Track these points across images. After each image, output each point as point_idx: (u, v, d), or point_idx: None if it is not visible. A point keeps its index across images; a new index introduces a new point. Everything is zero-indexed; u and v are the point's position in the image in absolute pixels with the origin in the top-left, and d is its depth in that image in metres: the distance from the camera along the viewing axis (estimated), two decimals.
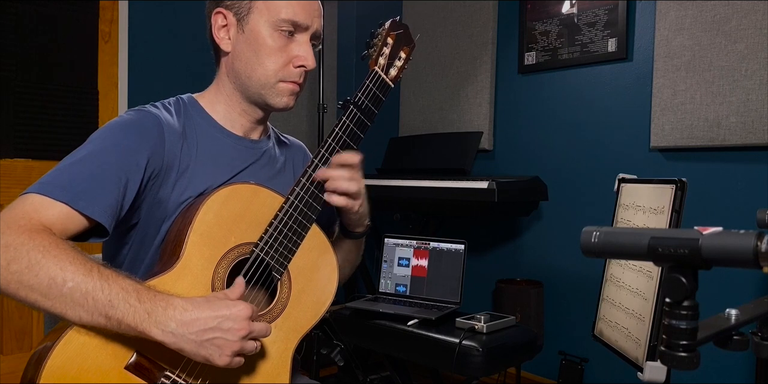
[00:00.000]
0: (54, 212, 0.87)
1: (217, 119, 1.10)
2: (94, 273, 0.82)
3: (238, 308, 0.86)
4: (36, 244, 0.81)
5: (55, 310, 0.82)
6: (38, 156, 2.48)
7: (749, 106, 1.96)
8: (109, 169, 0.92)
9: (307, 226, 1.03)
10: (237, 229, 0.98)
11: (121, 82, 2.71)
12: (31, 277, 0.80)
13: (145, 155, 0.96)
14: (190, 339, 0.83)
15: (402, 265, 2.19)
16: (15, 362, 2.38)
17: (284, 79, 1.06)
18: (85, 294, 0.81)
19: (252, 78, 1.06)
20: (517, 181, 2.34)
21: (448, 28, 2.94)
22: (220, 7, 1.06)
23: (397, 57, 1.13)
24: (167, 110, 1.05)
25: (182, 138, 1.03)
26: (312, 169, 1.03)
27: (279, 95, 1.07)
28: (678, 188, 1.34)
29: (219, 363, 0.85)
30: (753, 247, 0.54)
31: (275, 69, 1.05)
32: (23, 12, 2.46)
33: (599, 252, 0.64)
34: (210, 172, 1.04)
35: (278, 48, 1.04)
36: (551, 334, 2.51)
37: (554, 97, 2.59)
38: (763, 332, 0.68)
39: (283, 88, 1.06)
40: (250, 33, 1.04)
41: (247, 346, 0.87)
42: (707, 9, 2.06)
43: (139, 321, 0.82)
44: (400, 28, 1.13)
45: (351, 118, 1.07)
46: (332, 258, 1.09)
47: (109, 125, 1.00)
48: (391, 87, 1.12)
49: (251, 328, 0.87)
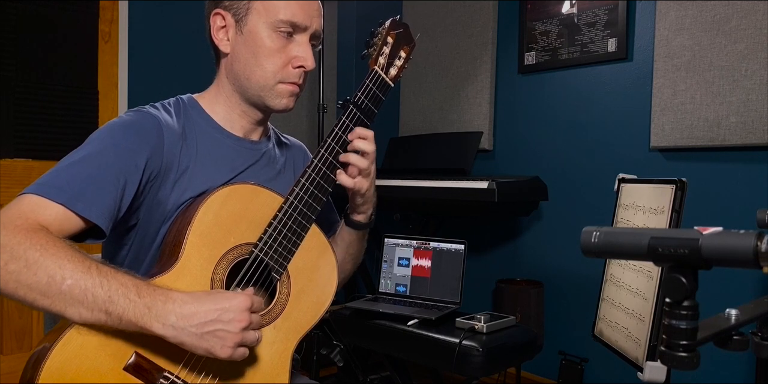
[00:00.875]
0: (51, 213, 0.87)
1: (217, 120, 1.09)
2: (92, 270, 0.82)
3: (238, 300, 0.87)
4: (33, 243, 0.81)
5: (55, 308, 0.81)
6: (38, 156, 2.48)
7: (749, 106, 1.95)
8: (108, 171, 0.92)
9: (306, 227, 1.03)
10: (236, 229, 0.98)
11: (121, 82, 2.71)
12: (29, 276, 0.80)
13: (144, 156, 0.96)
14: (191, 332, 0.83)
15: (402, 265, 2.19)
16: (15, 362, 2.38)
17: (283, 80, 1.05)
18: (84, 291, 0.81)
19: (251, 80, 1.05)
20: (517, 181, 2.33)
21: (448, 28, 2.94)
22: (218, 7, 1.05)
23: (397, 56, 1.12)
24: (167, 111, 1.05)
25: (182, 139, 1.03)
26: (312, 170, 1.03)
27: (278, 97, 1.06)
28: (678, 188, 1.34)
29: (221, 355, 0.85)
30: (753, 247, 0.54)
31: (274, 70, 1.04)
32: (23, 12, 2.46)
33: (599, 252, 0.64)
34: (210, 173, 1.04)
35: (277, 49, 1.04)
36: (551, 334, 2.51)
37: (554, 97, 2.59)
38: (763, 332, 0.68)
39: (282, 89, 1.06)
40: (249, 34, 1.04)
41: (249, 337, 0.87)
42: (707, 9, 2.06)
43: (139, 315, 0.82)
44: (400, 27, 1.12)
45: (351, 117, 1.06)
46: (332, 258, 1.09)
47: (108, 126, 0.99)
48: (391, 86, 1.12)
49: (252, 319, 0.88)
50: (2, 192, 2.37)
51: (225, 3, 1.05)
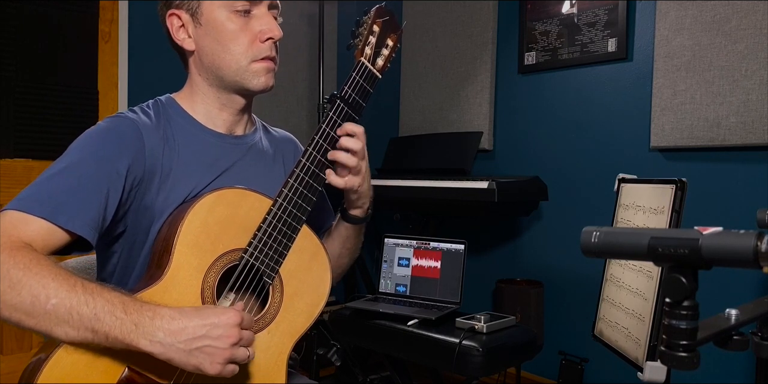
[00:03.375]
0: (34, 228, 0.85)
1: (197, 118, 1.07)
2: (77, 288, 0.81)
3: (227, 315, 0.85)
4: (16, 262, 0.80)
5: (40, 328, 0.80)
6: (38, 156, 2.48)
7: (749, 106, 1.95)
8: (89, 181, 0.90)
9: (297, 228, 1.01)
10: (225, 235, 0.96)
11: (121, 82, 2.71)
12: (13, 297, 0.79)
13: (126, 163, 0.94)
14: (179, 348, 0.81)
15: (402, 265, 2.19)
16: (15, 362, 2.38)
17: (255, 57, 1.03)
18: (69, 309, 0.79)
19: (222, 67, 1.03)
20: (517, 181, 2.33)
21: (448, 28, 2.94)
22: (171, 8, 1.04)
23: (384, 45, 1.09)
24: (145, 114, 1.03)
25: (163, 141, 1.00)
26: (300, 169, 1.01)
27: (255, 76, 1.04)
28: (678, 188, 1.34)
29: (210, 371, 0.83)
30: (753, 247, 0.54)
31: (243, 51, 1.02)
32: (23, 12, 2.46)
33: (599, 252, 0.64)
34: (194, 174, 1.02)
35: (239, 29, 1.02)
36: (551, 334, 2.51)
37: (554, 97, 2.59)
38: (763, 332, 0.68)
39: (257, 67, 1.03)
40: (207, 24, 1.02)
41: (239, 354, 0.85)
42: (707, 9, 2.06)
43: (126, 333, 0.80)
44: (386, 14, 1.08)
45: (338, 113, 1.04)
46: (324, 259, 1.07)
47: (86, 134, 0.97)
48: (378, 78, 1.08)
49: (241, 336, 0.85)
50: (2, 192, 2.37)
51: (176, 2, 1.04)
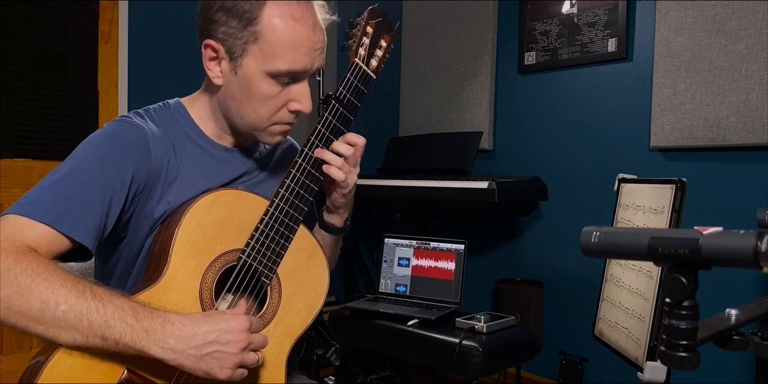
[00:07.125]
0: (38, 234, 0.85)
1: (206, 132, 1.06)
2: (87, 294, 0.80)
3: (236, 320, 0.85)
4: (24, 268, 0.79)
5: (48, 334, 0.79)
6: (38, 156, 2.48)
7: (749, 106, 1.95)
8: (93, 188, 0.89)
9: (294, 228, 1.01)
10: (222, 236, 0.95)
11: (121, 82, 2.71)
12: (21, 303, 0.78)
13: (130, 171, 0.93)
14: (190, 354, 0.82)
15: (402, 265, 2.19)
16: (15, 362, 2.38)
17: (278, 121, 1.01)
18: (79, 316, 0.79)
19: (243, 117, 1.01)
20: (517, 181, 2.33)
21: (448, 28, 2.94)
22: (211, 38, 0.97)
23: (378, 46, 1.09)
24: (153, 120, 1.01)
25: (170, 150, 0.99)
26: (296, 170, 1.01)
27: (270, 135, 1.03)
28: (678, 188, 1.34)
29: (221, 376, 0.84)
30: (753, 247, 0.54)
31: (269, 116, 1.00)
32: (23, 12, 2.46)
33: (599, 252, 0.64)
34: (198, 184, 1.01)
35: (274, 95, 0.98)
36: (551, 334, 2.51)
37: (554, 97, 2.59)
38: (763, 332, 0.68)
39: (275, 130, 1.03)
40: (244, 78, 0.96)
41: (248, 358, 0.86)
42: (707, 9, 2.06)
43: (137, 339, 0.80)
44: (380, 16, 1.09)
45: (333, 113, 1.04)
46: (322, 258, 1.07)
47: (92, 139, 0.96)
48: (373, 78, 1.08)
49: (250, 340, 0.86)
50: (2, 192, 2.37)
51: (218, 35, 0.96)
